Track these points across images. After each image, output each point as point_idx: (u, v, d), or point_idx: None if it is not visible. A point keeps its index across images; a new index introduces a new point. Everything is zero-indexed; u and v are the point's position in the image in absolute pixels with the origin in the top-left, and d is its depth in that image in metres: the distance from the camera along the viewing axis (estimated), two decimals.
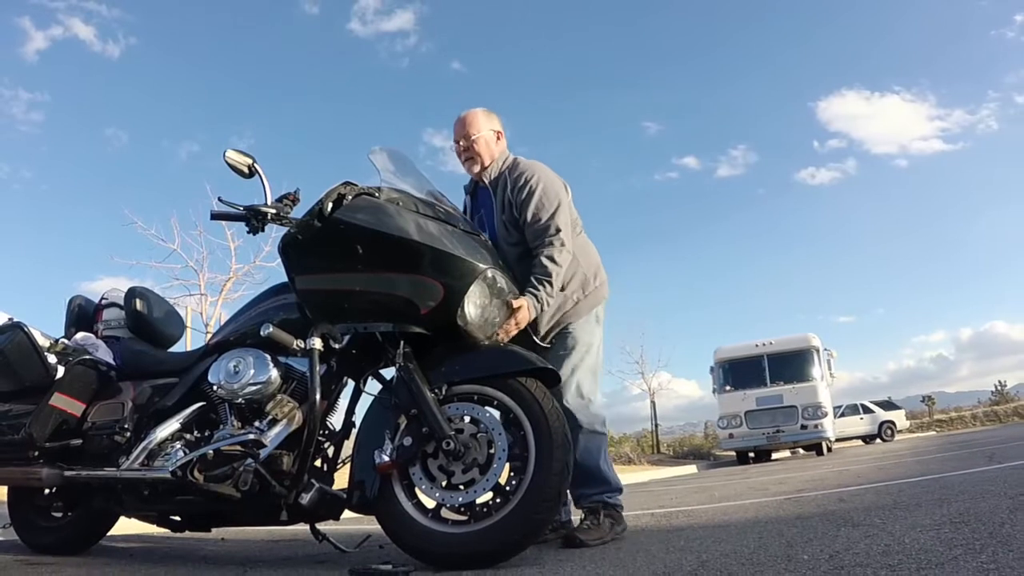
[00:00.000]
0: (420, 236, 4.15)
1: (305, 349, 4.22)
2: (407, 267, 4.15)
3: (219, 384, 4.44)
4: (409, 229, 4.16)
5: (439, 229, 4.27)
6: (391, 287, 4.17)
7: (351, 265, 4.18)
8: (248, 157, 4.34)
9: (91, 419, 4.88)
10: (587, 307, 5.22)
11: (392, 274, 4.17)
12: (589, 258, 5.34)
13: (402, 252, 4.13)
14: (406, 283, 4.16)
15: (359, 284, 4.19)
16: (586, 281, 5.23)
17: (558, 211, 5.02)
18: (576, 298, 5.16)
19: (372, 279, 4.19)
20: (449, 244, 4.21)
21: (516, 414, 4.09)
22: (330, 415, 4.54)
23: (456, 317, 4.19)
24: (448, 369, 4.22)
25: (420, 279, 4.15)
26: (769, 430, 26.03)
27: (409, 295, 4.15)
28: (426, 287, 4.14)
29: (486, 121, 5.32)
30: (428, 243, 4.14)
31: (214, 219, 4.39)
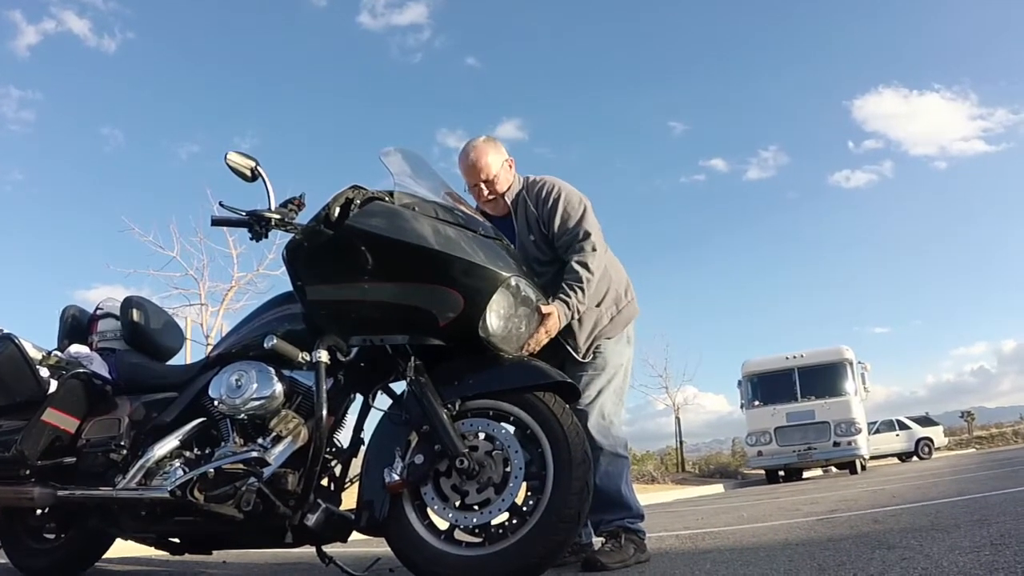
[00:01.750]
0: (438, 243, 4.12)
1: (311, 362, 4.22)
2: (424, 276, 4.13)
3: (220, 399, 4.42)
4: (426, 235, 4.13)
5: (458, 235, 4.24)
6: (408, 297, 4.15)
7: (364, 274, 4.16)
8: (251, 159, 4.33)
9: (85, 436, 4.86)
10: (620, 323, 5.26)
11: (408, 284, 4.15)
12: (619, 274, 5.37)
13: (419, 260, 4.10)
14: (424, 293, 4.13)
15: (373, 294, 4.17)
16: (619, 297, 5.28)
17: (585, 215, 5.07)
18: (610, 314, 5.20)
19: (387, 289, 4.16)
20: (469, 251, 4.18)
21: (533, 430, 4.07)
22: (337, 431, 4.52)
23: (478, 328, 4.15)
24: (461, 383, 4.20)
25: (438, 289, 4.12)
26: (800, 447, 25.96)
27: (427, 306, 4.13)
28: (445, 297, 4.11)
29: (496, 154, 5.31)
30: (447, 250, 4.10)
31: (215, 225, 4.39)
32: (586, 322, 5.07)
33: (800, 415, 26.28)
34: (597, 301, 5.14)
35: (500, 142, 5.41)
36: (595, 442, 4.84)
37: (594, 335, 5.13)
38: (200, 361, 4.95)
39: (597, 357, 5.14)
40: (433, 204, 4.40)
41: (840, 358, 27.01)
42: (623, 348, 5.28)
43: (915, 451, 41.18)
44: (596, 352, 5.14)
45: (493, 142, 5.38)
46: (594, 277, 4.95)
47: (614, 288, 5.27)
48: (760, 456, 27.01)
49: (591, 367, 5.11)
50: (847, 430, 25.62)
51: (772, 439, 26.53)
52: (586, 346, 5.11)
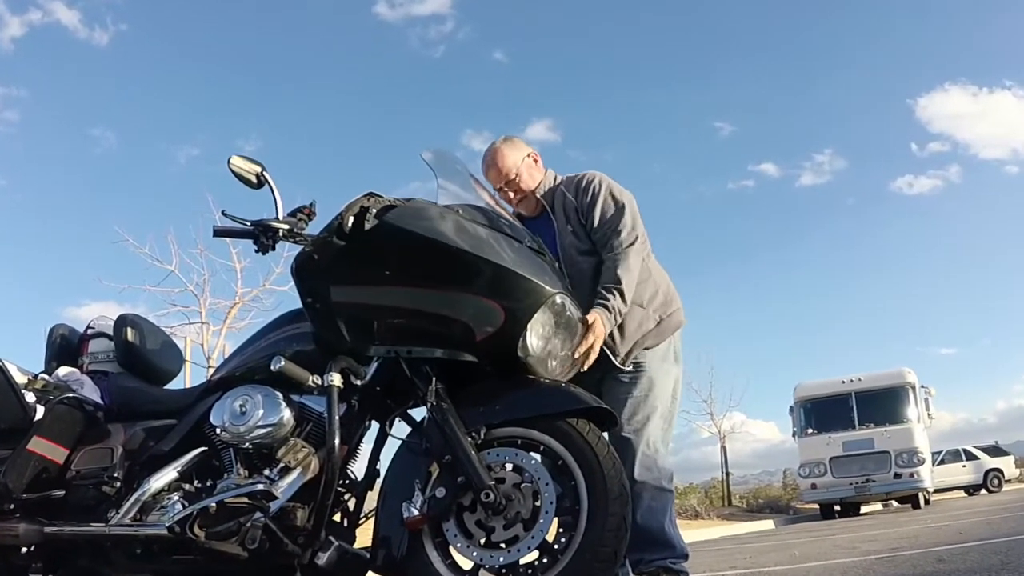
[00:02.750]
0: (483, 250, 4.13)
1: (322, 386, 4.18)
2: (465, 285, 4.13)
3: (223, 426, 4.42)
4: (471, 241, 4.13)
5: (504, 244, 4.25)
6: (444, 306, 4.15)
7: (401, 278, 4.18)
8: (256, 164, 4.36)
9: (75, 467, 4.84)
10: (666, 330, 5.26)
11: (447, 291, 4.15)
12: (665, 281, 5.40)
13: (461, 267, 4.11)
14: (462, 303, 4.13)
15: (408, 301, 4.18)
16: (665, 302, 5.29)
17: (626, 210, 5.13)
18: (656, 318, 5.22)
19: (422, 295, 4.17)
20: (515, 262, 4.18)
21: (566, 461, 4.04)
22: (351, 462, 4.52)
23: (515, 347, 4.15)
24: (487, 409, 4.17)
25: (479, 300, 4.12)
26: (857, 479, 25.86)
27: (465, 317, 4.12)
28: (485, 310, 4.11)
29: (515, 152, 5.43)
30: (492, 259, 4.11)
31: (217, 236, 4.42)
32: (628, 324, 5.09)
33: (858, 444, 26.19)
34: (641, 301, 5.16)
35: (520, 139, 5.53)
36: (638, 474, 4.85)
37: (636, 339, 5.14)
38: (201, 385, 4.96)
39: (640, 376, 5.13)
40: (478, 210, 4.43)
41: (902, 382, 26.92)
42: (670, 367, 5.28)
43: (983, 483, 41.00)
44: (639, 368, 5.15)
45: (511, 140, 5.51)
46: (633, 275, 4.99)
47: (661, 292, 5.29)
48: (814, 489, 26.93)
49: (633, 387, 5.10)
50: (909, 460, 25.52)
51: (827, 470, 26.44)
52: (626, 350, 5.12)
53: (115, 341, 5.35)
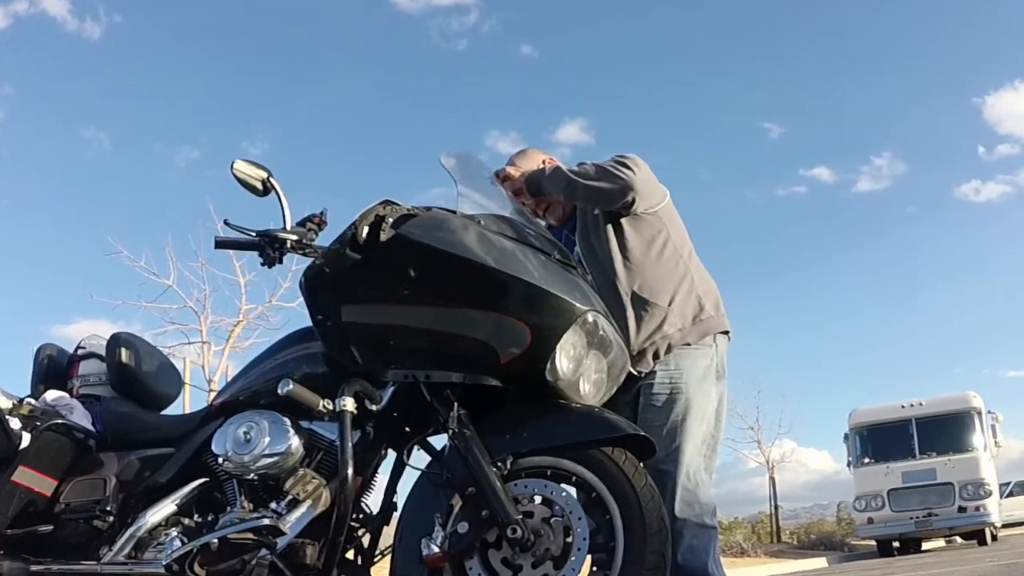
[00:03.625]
0: (506, 264, 4.11)
1: (334, 411, 4.15)
2: (488, 302, 4.11)
3: (226, 455, 4.41)
4: (493, 254, 4.12)
5: (530, 258, 4.23)
6: (466, 326, 4.13)
7: (419, 294, 4.17)
8: (262, 169, 4.37)
9: (64, 499, 4.82)
10: (696, 333, 5.21)
11: (468, 310, 4.14)
12: (707, 283, 5.40)
13: (484, 283, 4.09)
14: (485, 322, 4.11)
15: (427, 320, 4.17)
16: (700, 305, 5.26)
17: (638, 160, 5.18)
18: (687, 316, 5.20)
19: (441, 314, 4.16)
20: (542, 277, 4.15)
21: (600, 493, 4.01)
22: (365, 494, 4.50)
23: (543, 370, 4.10)
24: (514, 436, 4.14)
25: (503, 319, 4.09)
26: (918, 513, 25.78)
27: (488, 338, 4.10)
28: (510, 329, 4.08)
29: (526, 160, 5.58)
30: (517, 274, 4.08)
31: (219, 247, 4.43)
32: (645, 318, 5.09)
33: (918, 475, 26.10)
34: (668, 298, 5.15)
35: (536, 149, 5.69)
36: (679, 509, 4.82)
37: (652, 339, 5.11)
38: (201, 410, 4.96)
39: (676, 397, 5.09)
40: (503, 220, 4.43)
41: (966, 407, 26.83)
42: (710, 386, 5.24)
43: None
44: (675, 393, 5.10)
45: (523, 151, 5.66)
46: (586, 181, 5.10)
47: (697, 293, 5.27)
48: (871, 524, 26.84)
49: (672, 413, 5.06)
50: (975, 493, 25.43)
51: (885, 503, 26.36)
52: (642, 347, 5.10)
53: (108, 362, 5.36)
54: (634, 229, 5.24)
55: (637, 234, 5.23)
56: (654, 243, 5.25)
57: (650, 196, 5.22)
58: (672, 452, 4.98)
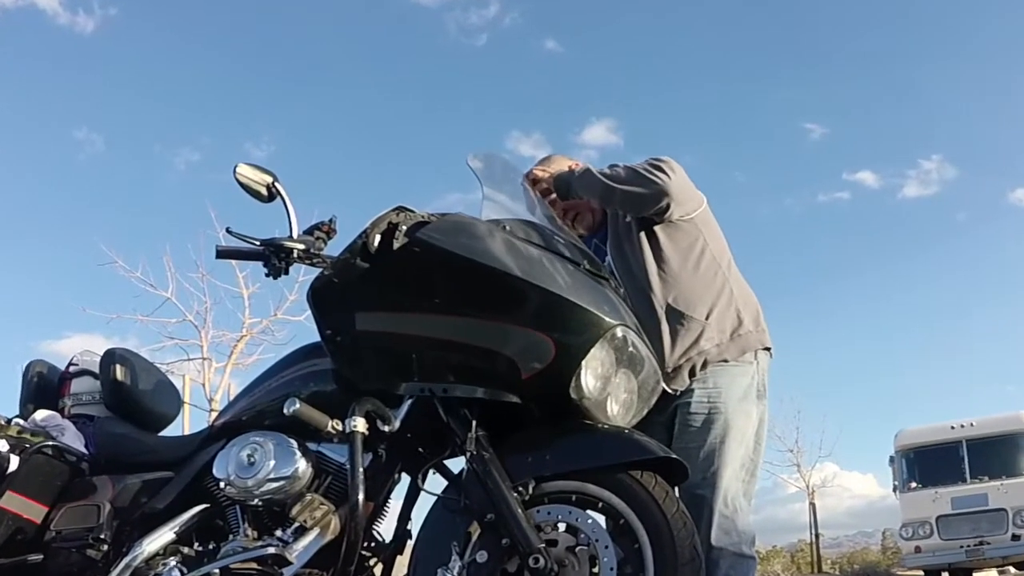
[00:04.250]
0: (531, 273, 4.10)
1: (344, 432, 4.11)
2: (510, 314, 4.10)
3: (228, 479, 4.41)
4: (517, 263, 4.11)
5: (558, 267, 4.23)
6: (485, 338, 4.13)
7: (436, 305, 4.16)
8: (268, 174, 4.38)
9: (56, 526, 4.81)
10: (736, 349, 5.18)
11: (489, 321, 4.13)
12: (747, 297, 5.39)
13: (506, 293, 4.09)
14: (506, 335, 4.10)
15: (445, 331, 4.16)
16: (740, 320, 5.24)
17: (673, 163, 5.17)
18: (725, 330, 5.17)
19: (462, 326, 4.14)
20: (570, 288, 4.14)
21: (628, 520, 3.98)
22: (377, 521, 4.51)
23: (567, 387, 4.08)
24: (536, 459, 4.11)
25: (526, 332, 4.08)
26: (969, 542, 25.64)
27: (509, 351, 4.08)
28: (534, 343, 4.06)
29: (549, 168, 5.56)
30: (542, 284, 4.07)
31: (221, 257, 4.46)
32: (681, 332, 5.06)
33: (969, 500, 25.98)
34: (705, 311, 5.14)
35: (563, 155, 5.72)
36: (715, 538, 4.82)
37: (688, 355, 5.08)
38: (202, 432, 4.99)
39: (716, 419, 5.06)
40: (530, 226, 4.45)
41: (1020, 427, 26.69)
42: (751, 407, 5.20)
43: None
44: (714, 413, 5.07)
45: (547, 157, 5.69)
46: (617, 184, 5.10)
47: (735, 305, 5.26)
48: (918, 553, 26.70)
49: (709, 434, 5.03)
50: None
51: (934, 531, 26.23)
52: (677, 363, 5.07)
53: (102, 380, 5.35)
54: (669, 237, 5.23)
55: (672, 243, 5.22)
56: (691, 252, 5.24)
57: (686, 202, 5.21)
58: (709, 476, 4.96)
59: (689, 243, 5.26)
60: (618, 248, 5.30)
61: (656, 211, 5.12)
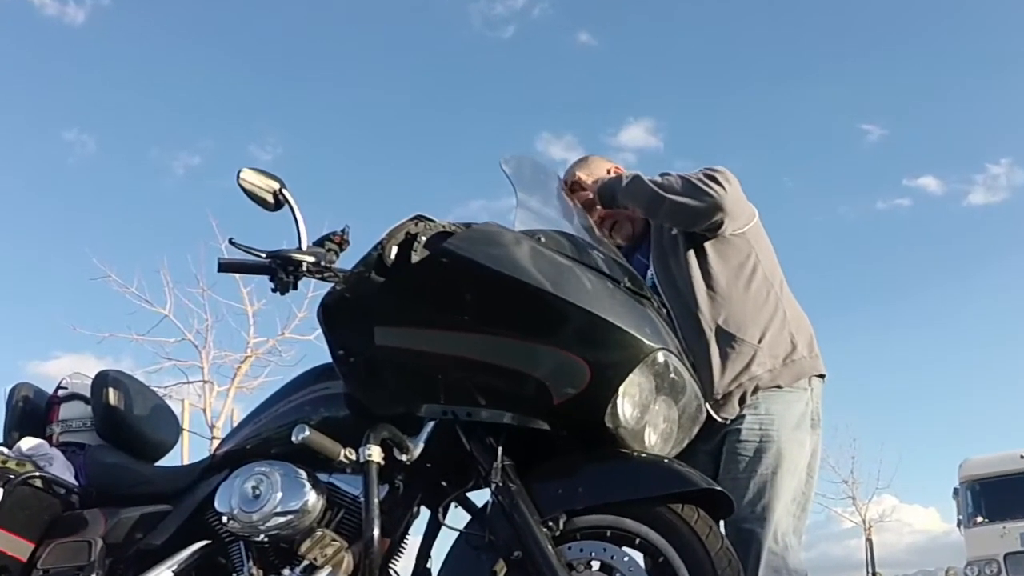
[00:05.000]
0: (566, 290, 4.05)
1: (358, 462, 4.08)
2: (543, 334, 4.06)
3: (231, 513, 4.38)
4: (551, 278, 4.07)
5: (596, 284, 4.19)
6: (515, 359, 4.07)
7: (459, 322, 4.11)
8: (274, 180, 4.36)
9: (43, 564, 4.81)
10: (789, 375, 5.15)
11: (520, 341, 4.08)
12: (800, 320, 5.36)
13: (536, 309, 4.04)
14: (538, 357, 4.05)
15: (469, 351, 4.11)
16: (793, 345, 5.21)
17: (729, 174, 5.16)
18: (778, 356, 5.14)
19: (488, 346, 4.10)
20: (606, 306, 4.09)
21: (668, 558, 3.93)
22: (394, 559, 4.49)
23: (601, 414, 4.02)
24: (567, 491, 4.07)
25: (559, 353, 4.02)
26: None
27: (540, 374, 4.03)
28: (567, 366, 4.00)
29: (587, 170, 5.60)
30: (575, 301, 4.01)
31: (224, 271, 4.45)
32: (731, 356, 5.04)
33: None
34: (758, 333, 5.11)
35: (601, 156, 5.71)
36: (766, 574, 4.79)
37: (742, 380, 5.05)
38: (202, 461, 4.97)
39: (767, 449, 5.02)
40: (566, 238, 4.41)
41: None
42: (804, 435, 5.17)
43: None
44: (766, 441, 5.03)
45: (584, 159, 5.69)
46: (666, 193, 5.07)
47: (789, 329, 5.23)
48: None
49: (759, 464, 5.00)
50: None
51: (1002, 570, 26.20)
52: (727, 389, 5.04)
53: (93, 405, 5.35)
54: (719, 254, 5.22)
55: (722, 259, 5.21)
56: (742, 270, 5.24)
57: (739, 216, 5.21)
58: (759, 510, 4.94)
59: (740, 260, 5.25)
60: (663, 263, 5.27)
61: (709, 226, 5.12)
